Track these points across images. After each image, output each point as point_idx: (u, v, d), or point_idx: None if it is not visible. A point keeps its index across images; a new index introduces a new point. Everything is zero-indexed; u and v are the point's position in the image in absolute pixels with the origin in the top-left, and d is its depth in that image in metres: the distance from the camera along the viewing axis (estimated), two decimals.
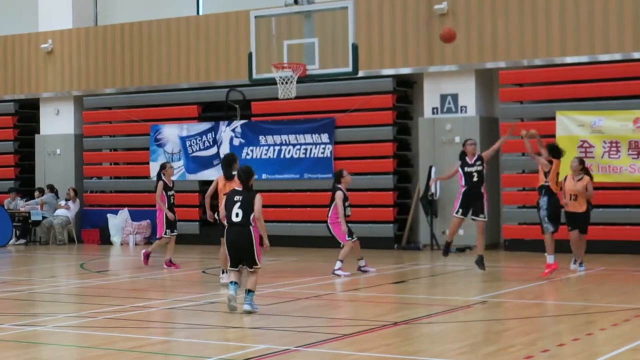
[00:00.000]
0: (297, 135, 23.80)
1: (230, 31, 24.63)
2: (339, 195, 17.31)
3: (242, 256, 12.69)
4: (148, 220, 25.39)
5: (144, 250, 19.14)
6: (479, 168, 16.48)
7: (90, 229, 26.36)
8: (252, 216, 12.60)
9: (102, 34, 26.71)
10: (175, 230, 18.75)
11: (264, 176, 23.47)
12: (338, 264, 17.09)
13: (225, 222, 12.87)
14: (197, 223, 25.18)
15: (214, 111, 25.46)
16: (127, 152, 27.09)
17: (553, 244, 15.82)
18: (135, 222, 25.50)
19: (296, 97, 19.45)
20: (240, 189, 12.81)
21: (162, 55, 25.69)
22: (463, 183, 16.55)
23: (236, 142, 24.59)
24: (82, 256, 22.82)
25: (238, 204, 12.64)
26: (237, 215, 12.62)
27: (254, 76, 19.58)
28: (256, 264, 12.68)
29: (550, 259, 15.80)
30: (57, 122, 27.53)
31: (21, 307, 14.25)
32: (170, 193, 18.76)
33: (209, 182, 25.07)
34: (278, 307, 13.20)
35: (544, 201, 16.06)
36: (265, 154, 24.05)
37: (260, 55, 19.38)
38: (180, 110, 25.77)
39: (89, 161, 27.25)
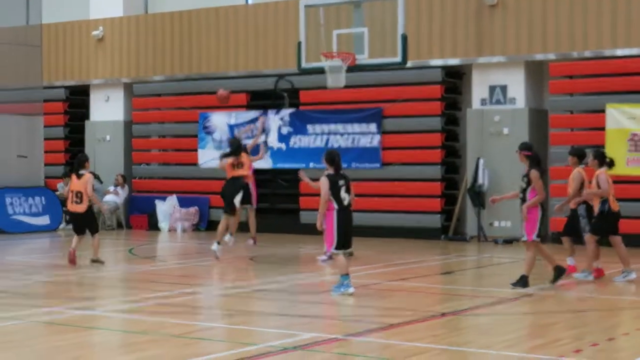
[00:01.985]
0: (345, 125, 23.82)
1: (279, 20, 24.68)
2: None
3: (350, 238, 13.42)
4: (196, 207, 25.54)
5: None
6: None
7: (138, 214, 26.57)
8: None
9: (152, 22, 26.88)
10: None
11: (311, 165, 23.49)
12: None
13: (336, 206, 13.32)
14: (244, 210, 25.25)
15: (263, 99, 25.54)
16: (175, 139, 27.24)
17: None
18: (183, 208, 25.66)
19: (345, 87, 19.51)
20: (335, 173, 13.42)
21: (211, 43, 25.81)
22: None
23: (284, 130, 24.66)
24: (131, 242, 23.02)
25: (344, 188, 13.32)
26: (344, 199, 13.27)
27: (303, 65, 19.64)
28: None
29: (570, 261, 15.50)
30: (106, 109, 27.77)
31: (71, 291, 14.42)
32: None
33: (257, 171, 25.28)
34: (325, 296, 13.25)
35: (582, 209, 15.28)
36: (313, 143, 24.09)
37: (309, 44, 19.42)
38: None
39: (138, 148, 27.46)
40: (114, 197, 26.26)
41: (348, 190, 13.40)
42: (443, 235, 22.86)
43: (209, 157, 25.61)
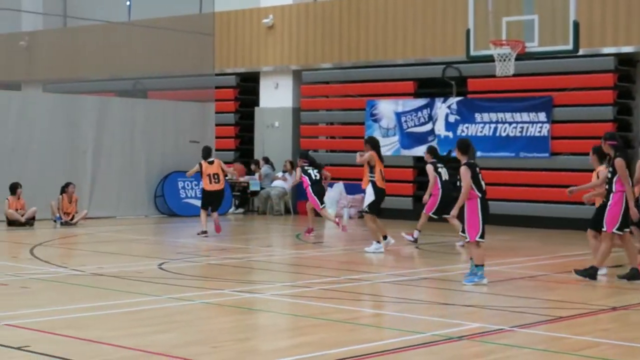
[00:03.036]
0: (514, 114, 23.49)
1: (448, 7, 24.50)
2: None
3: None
4: (363, 194, 25.58)
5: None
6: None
7: (305, 200, 26.80)
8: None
9: (320, 9, 27.11)
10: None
11: (479, 153, 23.20)
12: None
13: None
14: (411, 198, 25.25)
15: (430, 87, 25.44)
16: (343, 126, 27.44)
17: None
18: (350, 195, 25.81)
19: (513, 75, 19.24)
20: (470, 161, 13.25)
21: (379, 30, 25.83)
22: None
23: (451, 118, 24.51)
24: (298, 227, 23.33)
25: (480, 175, 13.20)
26: (483, 186, 13.20)
27: (472, 53, 19.47)
28: None
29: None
30: (276, 96, 28.19)
31: (240, 274, 14.71)
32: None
33: (423, 159, 25.25)
34: (491, 286, 13.12)
35: None
36: (481, 132, 23.85)
37: (477, 31, 19.24)
38: (395, 86, 25.88)
39: (306, 134, 27.77)
40: (282, 183, 26.64)
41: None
42: None
43: None
